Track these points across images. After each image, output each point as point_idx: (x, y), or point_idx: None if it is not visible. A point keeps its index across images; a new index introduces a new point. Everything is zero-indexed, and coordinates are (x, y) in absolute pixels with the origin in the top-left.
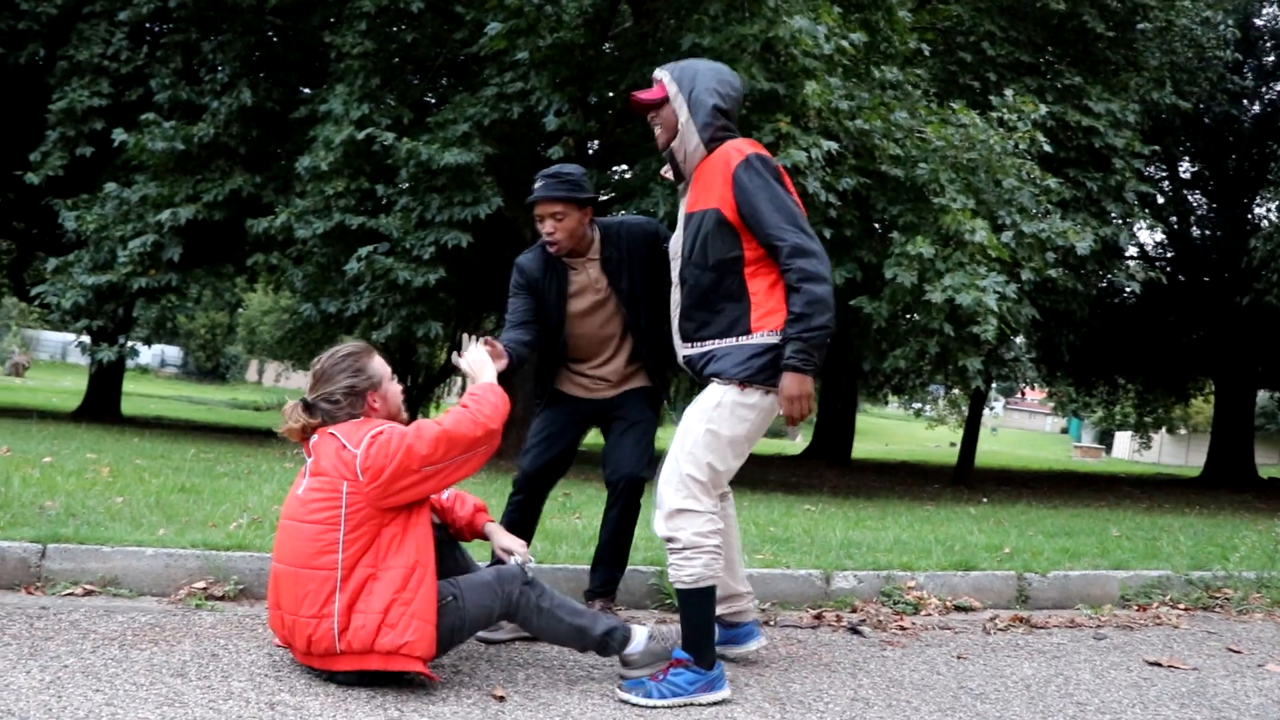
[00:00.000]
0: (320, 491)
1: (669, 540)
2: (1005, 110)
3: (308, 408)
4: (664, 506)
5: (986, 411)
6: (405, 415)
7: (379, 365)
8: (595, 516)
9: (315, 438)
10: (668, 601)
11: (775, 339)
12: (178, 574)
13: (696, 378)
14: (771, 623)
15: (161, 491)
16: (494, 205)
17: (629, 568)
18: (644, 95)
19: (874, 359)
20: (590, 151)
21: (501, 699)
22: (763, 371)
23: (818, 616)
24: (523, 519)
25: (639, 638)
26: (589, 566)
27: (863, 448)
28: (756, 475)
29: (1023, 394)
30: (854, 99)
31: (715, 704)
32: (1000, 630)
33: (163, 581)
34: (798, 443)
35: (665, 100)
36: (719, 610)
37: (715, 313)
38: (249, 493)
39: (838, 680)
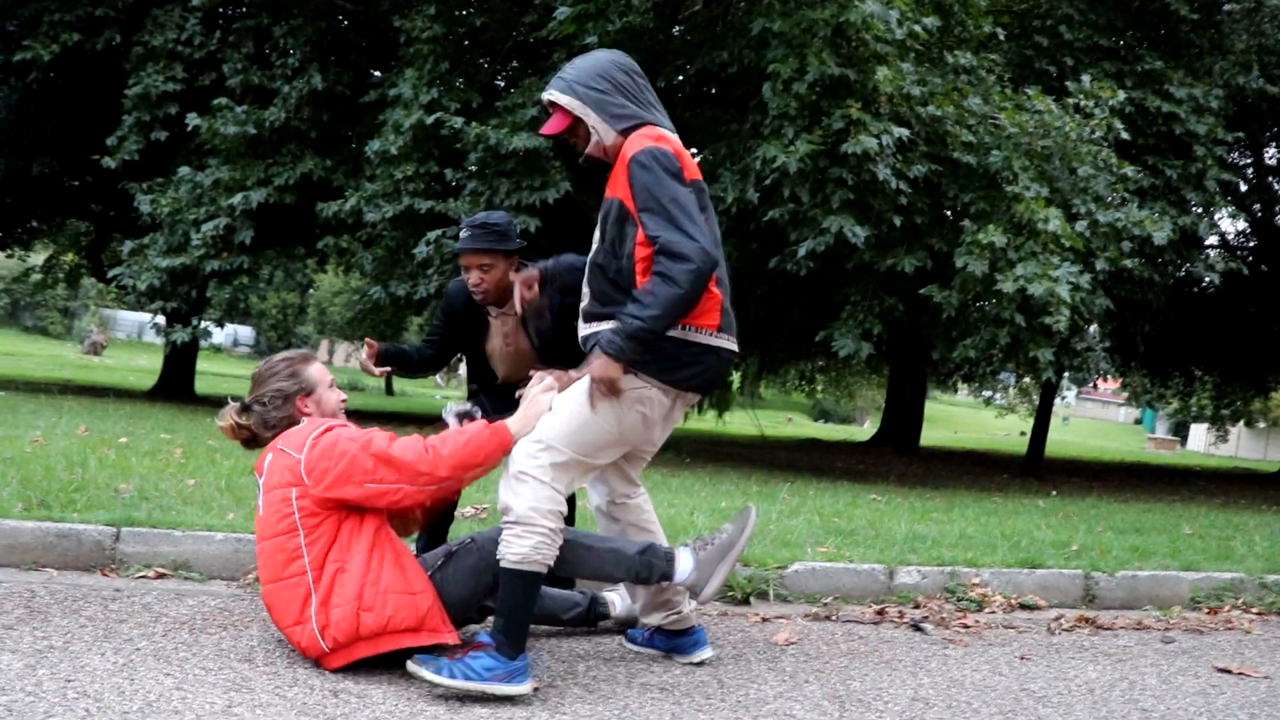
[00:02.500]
0: (274, 505)
1: (504, 511)
2: (1082, 96)
3: (244, 409)
4: (512, 467)
5: (1058, 401)
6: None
7: (315, 373)
8: (660, 504)
9: (269, 457)
10: (729, 593)
11: (674, 332)
12: (247, 558)
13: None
14: (833, 618)
15: (232, 474)
16: (562, 190)
17: None
18: (550, 129)
19: (944, 348)
20: None
21: (534, 689)
22: (649, 359)
23: (880, 612)
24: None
25: (684, 560)
26: None
27: (931, 435)
28: (823, 462)
29: (1095, 384)
30: (926, 85)
31: (508, 697)
32: (1065, 630)
33: (232, 566)
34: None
35: (574, 121)
36: (656, 619)
37: (613, 298)
38: None
39: (898, 679)
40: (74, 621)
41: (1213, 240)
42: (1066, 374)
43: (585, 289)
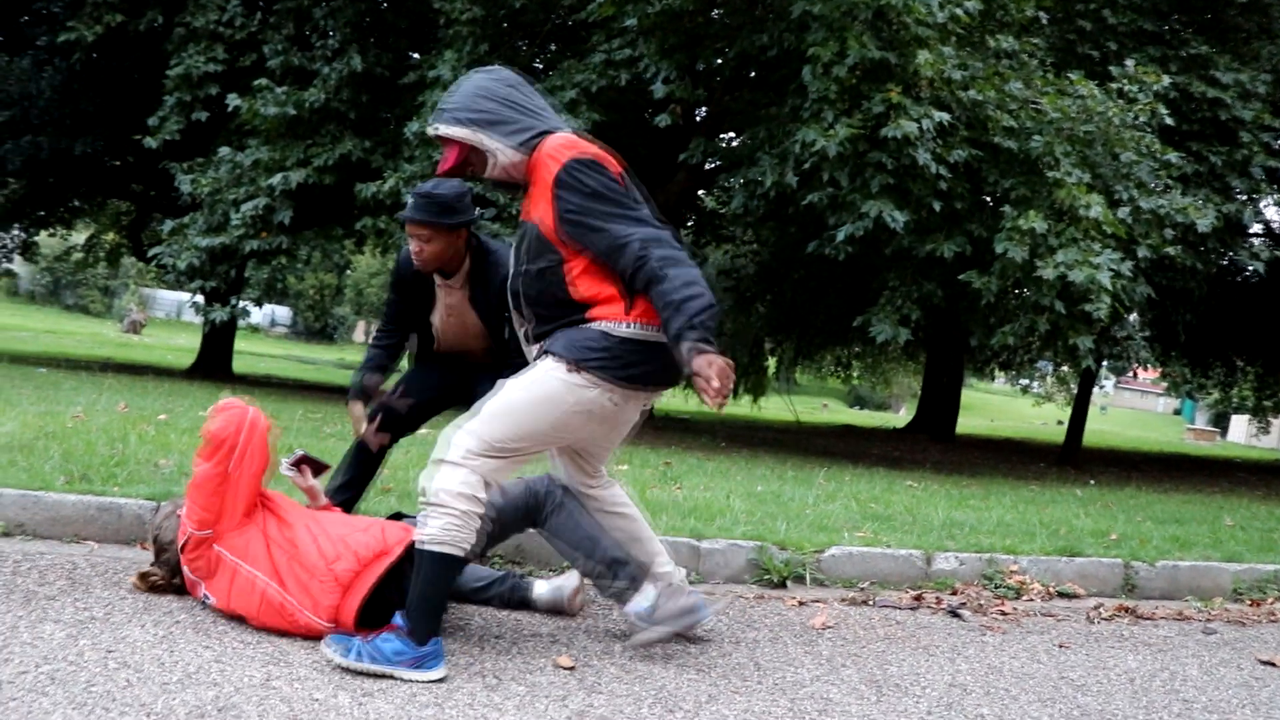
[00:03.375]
0: (218, 574)
1: (420, 493)
2: (1126, 81)
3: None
4: (434, 453)
5: (1096, 390)
6: None
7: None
8: (697, 487)
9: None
10: (765, 576)
11: (614, 329)
12: None
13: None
14: (870, 603)
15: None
16: None
17: (729, 541)
18: (446, 165)
19: (982, 335)
20: (698, 118)
21: (571, 668)
22: (596, 359)
23: (917, 598)
24: (356, 462)
25: (646, 598)
26: (691, 538)
27: (967, 423)
28: (858, 449)
29: (1135, 373)
30: (967, 69)
31: (425, 683)
32: (1105, 620)
33: None
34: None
35: (466, 150)
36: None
37: (550, 314)
38: None
39: (935, 664)
40: (114, 594)
41: (1257, 228)
42: (1106, 362)
43: (520, 315)
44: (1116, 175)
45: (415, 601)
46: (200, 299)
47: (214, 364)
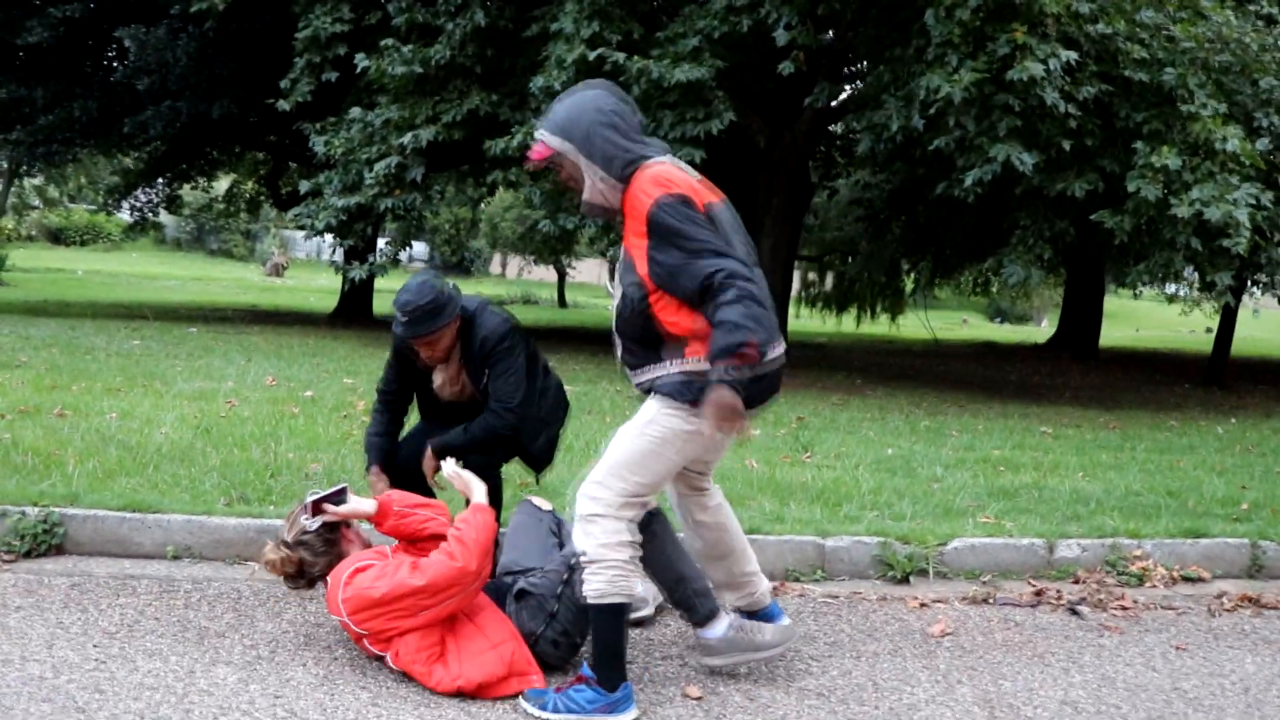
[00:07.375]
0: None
1: (581, 554)
2: (1265, 2)
3: (288, 546)
4: (579, 510)
5: (1247, 298)
6: None
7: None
8: (827, 456)
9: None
10: (890, 574)
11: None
12: None
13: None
14: (991, 600)
15: None
16: (726, 120)
17: (853, 539)
18: (534, 155)
19: (1117, 271)
20: (822, 61)
21: (699, 699)
22: (702, 395)
23: (1038, 593)
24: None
25: (719, 626)
26: (816, 536)
27: (1112, 333)
28: (996, 376)
29: None
30: (1095, 0)
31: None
32: (1226, 611)
33: None
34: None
35: (556, 156)
36: (730, 599)
37: (646, 346)
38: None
39: (1050, 677)
40: (277, 626)
41: None
42: (1250, 284)
43: (618, 337)
44: (1256, 102)
45: (599, 653)
46: (339, 257)
47: (355, 309)
